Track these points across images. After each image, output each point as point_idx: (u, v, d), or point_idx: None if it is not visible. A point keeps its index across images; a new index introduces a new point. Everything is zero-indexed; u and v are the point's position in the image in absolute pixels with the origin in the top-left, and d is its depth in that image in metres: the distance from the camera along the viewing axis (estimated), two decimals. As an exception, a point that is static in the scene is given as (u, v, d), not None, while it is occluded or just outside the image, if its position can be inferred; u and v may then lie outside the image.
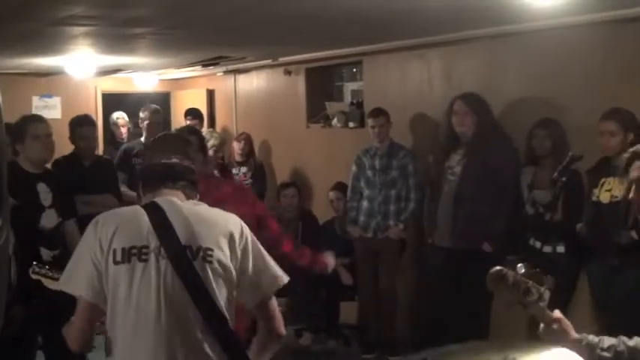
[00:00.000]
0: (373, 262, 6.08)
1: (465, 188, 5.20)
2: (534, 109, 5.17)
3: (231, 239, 2.53)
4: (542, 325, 2.45)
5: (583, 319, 4.58)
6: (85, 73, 8.04)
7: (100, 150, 8.67)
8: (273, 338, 2.66)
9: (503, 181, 5.08)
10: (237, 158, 7.41)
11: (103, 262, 2.45)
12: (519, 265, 2.44)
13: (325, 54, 7.00)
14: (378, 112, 6.12)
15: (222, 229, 2.54)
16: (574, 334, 2.41)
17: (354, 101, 7.38)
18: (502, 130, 5.28)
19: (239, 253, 2.53)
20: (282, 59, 7.62)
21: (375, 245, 6.01)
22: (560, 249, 4.69)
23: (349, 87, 7.84)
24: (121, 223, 2.51)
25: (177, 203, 2.58)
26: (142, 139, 7.02)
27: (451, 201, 5.27)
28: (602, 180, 4.39)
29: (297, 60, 7.52)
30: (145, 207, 2.56)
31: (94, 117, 6.30)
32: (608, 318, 4.20)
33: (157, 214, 2.52)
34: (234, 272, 2.51)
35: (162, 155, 2.71)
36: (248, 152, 7.45)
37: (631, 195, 2.43)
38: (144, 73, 9.46)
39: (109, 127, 8.65)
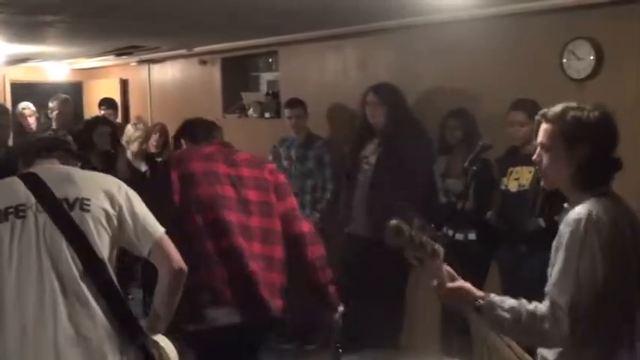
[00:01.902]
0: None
1: (380, 178, 5.26)
2: (447, 98, 5.27)
3: (108, 191, 2.64)
4: (435, 283, 2.52)
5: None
6: (-7, 62, 7.81)
7: (10, 140, 8.45)
8: (176, 275, 2.66)
9: (416, 170, 5.16)
10: (152, 149, 7.31)
11: None
12: (415, 219, 2.56)
13: (241, 44, 6.97)
14: (295, 103, 6.13)
15: (98, 184, 2.66)
16: (477, 293, 2.48)
17: (270, 91, 7.37)
18: (415, 120, 5.36)
19: (121, 201, 2.63)
20: (197, 49, 7.56)
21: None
22: (472, 236, 4.79)
23: (265, 77, 7.83)
24: None
25: (52, 167, 2.72)
26: (52, 129, 6.85)
27: (366, 190, 5.32)
28: (511, 169, 4.51)
29: (212, 50, 7.47)
30: (19, 176, 2.67)
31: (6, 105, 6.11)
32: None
33: (30, 178, 2.64)
34: (115, 220, 2.61)
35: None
36: (163, 143, 7.36)
37: (535, 157, 2.50)
38: (55, 63, 9.24)
39: (17, 117, 8.42)
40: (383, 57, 5.95)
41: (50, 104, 7.07)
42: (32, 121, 8.04)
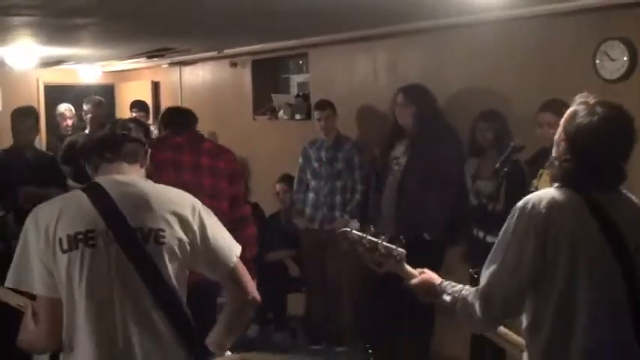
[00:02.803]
0: (319, 253, 6.09)
1: (409, 178, 5.25)
2: (477, 100, 5.24)
3: (183, 217, 2.45)
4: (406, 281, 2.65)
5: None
6: (26, 64, 7.89)
7: (43, 142, 8.56)
8: (246, 305, 2.58)
9: (446, 171, 5.14)
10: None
11: (50, 254, 2.36)
12: (371, 227, 2.71)
13: (271, 46, 6.99)
14: (324, 104, 6.14)
15: (173, 207, 2.45)
16: (436, 281, 2.62)
17: (301, 93, 7.38)
18: (445, 121, 5.34)
19: (195, 227, 2.46)
20: (227, 51, 7.59)
21: (322, 237, 6.03)
22: (504, 239, 4.75)
23: (295, 79, 7.85)
24: (62, 209, 2.40)
25: (122, 181, 2.47)
26: (86, 132, 6.92)
27: (395, 191, 5.31)
28: (541, 171, 4.47)
29: (243, 52, 7.50)
30: (86, 189, 2.45)
31: (35, 108, 6.17)
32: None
33: (100, 196, 2.41)
34: (188, 248, 2.44)
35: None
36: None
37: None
38: (87, 65, 9.33)
39: (53, 118, 8.53)
40: (413, 58, 5.93)
41: (85, 107, 7.15)
42: (70, 123, 8.13)
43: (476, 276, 4.77)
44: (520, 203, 2.37)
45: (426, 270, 2.70)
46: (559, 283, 2.30)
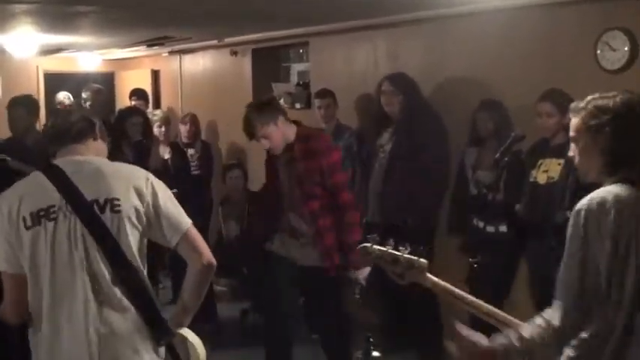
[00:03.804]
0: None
1: (394, 165, 5.27)
2: (478, 89, 5.24)
3: (137, 187, 2.60)
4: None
5: (525, 297, 4.69)
6: (27, 52, 7.88)
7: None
8: (204, 269, 2.66)
9: (430, 159, 5.15)
10: (184, 140, 7.35)
11: (14, 233, 2.52)
12: (390, 240, 2.71)
13: (272, 35, 6.98)
14: (325, 93, 6.14)
15: (127, 179, 2.62)
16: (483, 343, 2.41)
17: (301, 82, 7.37)
18: (431, 109, 5.35)
19: (148, 197, 2.60)
20: (228, 40, 7.57)
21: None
22: (503, 228, 4.76)
23: (296, 68, 7.83)
24: (24, 191, 2.59)
25: (76, 159, 2.65)
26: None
27: (381, 178, 5.32)
28: (540, 161, 4.48)
29: (243, 41, 7.48)
30: (44, 171, 2.62)
31: (34, 97, 6.17)
32: (545, 295, 4.29)
33: (56, 175, 2.58)
34: (144, 217, 2.59)
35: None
36: (194, 133, 7.40)
37: (570, 152, 2.52)
38: (87, 53, 9.31)
39: (53, 106, 8.53)
40: (413, 48, 5.93)
41: (83, 94, 7.14)
42: None
43: (475, 265, 4.82)
44: (581, 205, 2.30)
45: (472, 334, 2.48)
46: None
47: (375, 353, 2.31)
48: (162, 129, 6.67)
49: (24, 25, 6.08)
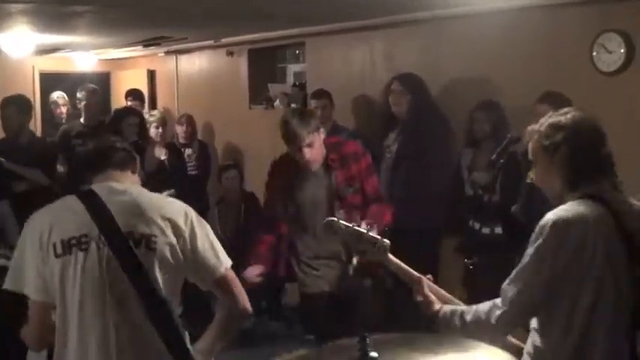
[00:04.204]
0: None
1: (400, 166, 5.26)
2: (475, 91, 5.25)
3: (174, 222, 2.48)
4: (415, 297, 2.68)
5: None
6: (22, 51, 7.86)
7: (39, 130, 8.56)
8: (235, 315, 2.59)
9: (436, 160, 5.15)
10: (181, 140, 7.34)
11: (44, 259, 2.42)
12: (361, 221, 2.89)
13: (268, 35, 6.97)
14: (321, 94, 6.14)
15: (165, 213, 2.49)
16: (435, 307, 2.62)
17: (297, 83, 7.37)
18: (438, 110, 5.35)
19: (186, 234, 2.48)
20: (224, 40, 7.57)
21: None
22: (498, 230, 4.76)
23: (292, 69, 7.83)
24: (57, 216, 2.48)
25: (115, 188, 2.53)
26: (81, 119, 6.91)
27: (387, 179, 5.32)
28: (536, 162, 4.48)
29: (239, 41, 7.48)
30: (80, 195, 2.50)
31: (27, 96, 6.17)
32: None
33: (93, 202, 2.47)
34: (180, 254, 2.46)
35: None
36: (191, 133, 7.39)
37: (534, 179, 2.62)
38: (83, 53, 9.29)
39: (49, 106, 8.52)
40: (410, 49, 5.93)
41: (78, 94, 7.13)
42: (64, 110, 8.14)
43: (471, 267, 4.82)
44: (546, 221, 2.34)
45: (422, 279, 2.70)
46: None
47: (373, 354, 2.29)
48: (160, 130, 6.66)
49: (20, 25, 6.07)
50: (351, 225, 2.74)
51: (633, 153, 4.42)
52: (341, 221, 2.75)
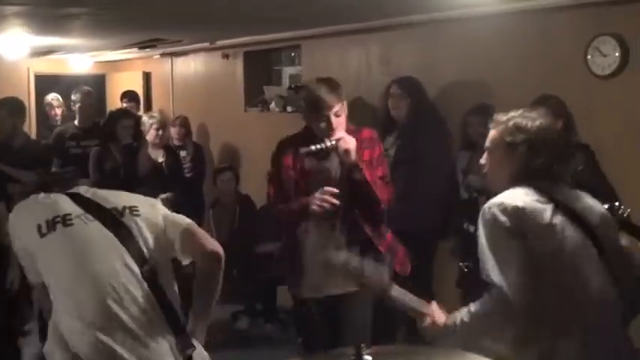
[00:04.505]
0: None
1: (398, 170, 5.26)
2: (470, 94, 5.25)
3: (144, 202, 2.73)
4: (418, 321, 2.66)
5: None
6: (17, 54, 7.86)
7: (34, 132, 8.55)
8: (207, 259, 2.62)
9: (434, 164, 5.16)
10: (175, 142, 7.34)
11: (32, 242, 2.53)
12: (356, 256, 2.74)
13: (264, 38, 6.97)
14: (316, 97, 6.13)
15: (139, 198, 2.75)
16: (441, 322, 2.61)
17: (293, 85, 7.37)
18: (437, 114, 5.35)
19: (159, 211, 2.71)
20: (219, 43, 7.57)
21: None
22: (493, 233, 4.76)
23: (287, 71, 7.83)
24: (40, 202, 2.64)
25: (89, 188, 2.82)
26: (76, 122, 6.91)
27: None
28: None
29: (235, 44, 7.48)
30: (61, 192, 2.71)
31: (19, 99, 6.15)
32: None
33: (74, 194, 2.69)
34: (161, 225, 2.65)
35: None
36: (185, 135, 7.39)
37: (481, 160, 2.70)
38: (78, 55, 9.29)
39: (43, 108, 8.52)
40: (406, 52, 5.93)
41: (73, 97, 7.12)
42: (59, 112, 8.14)
43: (466, 270, 4.81)
44: (485, 207, 2.48)
45: (431, 311, 2.67)
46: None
47: (367, 357, 2.29)
48: (160, 132, 6.62)
49: (15, 27, 6.06)
50: (352, 263, 2.66)
51: (628, 156, 4.43)
52: (340, 257, 2.69)
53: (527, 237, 2.39)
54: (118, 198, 2.70)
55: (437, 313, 2.64)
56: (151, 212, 2.67)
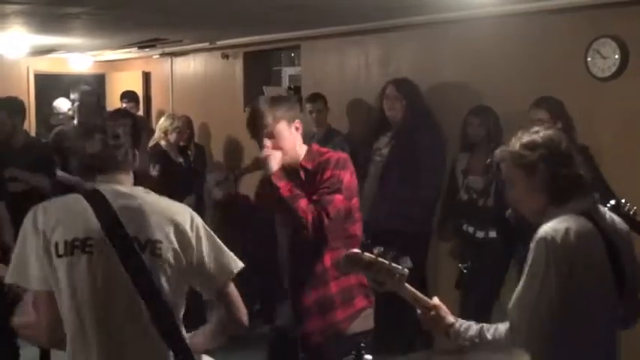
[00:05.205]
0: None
1: (391, 170, 5.27)
2: (469, 95, 5.25)
3: (180, 227, 2.43)
4: (418, 312, 2.58)
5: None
6: (17, 53, 7.86)
7: (33, 131, 8.55)
8: (233, 325, 2.57)
9: (427, 166, 5.16)
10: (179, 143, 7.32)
11: (46, 256, 2.36)
12: (377, 247, 2.59)
13: (263, 38, 6.98)
14: (316, 97, 6.15)
15: (171, 217, 2.44)
16: (449, 320, 2.54)
17: (292, 86, 7.38)
18: (432, 117, 5.36)
19: (193, 240, 2.44)
20: (219, 43, 7.57)
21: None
22: (493, 234, 4.77)
23: (287, 72, 7.85)
24: (62, 213, 2.40)
25: (122, 191, 2.46)
26: (74, 121, 6.89)
27: (376, 181, 5.32)
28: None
29: (235, 44, 7.48)
30: (87, 196, 2.43)
31: (19, 98, 6.14)
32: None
33: (100, 204, 2.40)
34: (184, 262, 2.42)
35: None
36: (188, 136, 7.38)
37: (509, 198, 2.58)
38: (78, 54, 9.29)
39: (43, 108, 8.52)
40: (405, 53, 5.93)
41: (72, 96, 7.12)
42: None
43: (465, 271, 4.81)
44: (544, 234, 2.33)
45: (438, 304, 2.60)
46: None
47: (367, 356, 2.28)
48: (181, 134, 6.64)
49: (15, 26, 6.06)
50: (374, 257, 2.56)
51: (628, 158, 4.44)
52: (366, 254, 2.56)
53: (571, 274, 2.29)
54: (146, 221, 2.40)
55: (442, 308, 2.57)
56: (175, 248, 2.40)
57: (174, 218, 2.44)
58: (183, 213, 2.48)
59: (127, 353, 2.39)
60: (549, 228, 2.32)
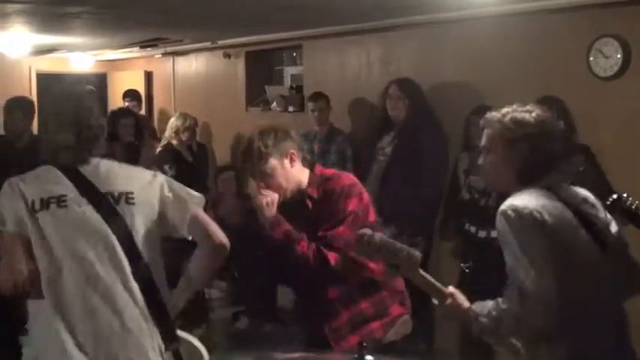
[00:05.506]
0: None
1: (393, 169, 5.27)
2: (470, 95, 5.25)
3: (145, 182, 2.62)
4: (434, 301, 2.61)
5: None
6: (19, 52, 7.86)
7: (35, 130, 8.53)
8: (215, 249, 2.62)
9: (429, 165, 5.16)
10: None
11: (23, 208, 2.49)
12: (388, 229, 2.55)
13: (265, 37, 6.98)
14: (318, 96, 6.15)
15: (136, 177, 2.64)
16: (465, 305, 2.57)
17: (294, 85, 7.37)
18: (434, 116, 5.35)
19: (157, 187, 2.62)
20: (221, 42, 7.57)
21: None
22: (494, 234, 4.73)
23: (289, 71, 7.84)
24: (36, 178, 2.57)
25: (91, 161, 2.64)
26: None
27: (379, 181, 5.32)
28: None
29: (236, 43, 7.48)
30: (59, 167, 2.60)
31: (30, 99, 6.15)
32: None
33: (71, 171, 2.58)
34: (157, 209, 2.59)
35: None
36: (192, 134, 7.39)
37: (479, 161, 2.61)
38: (80, 54, 9.29)
39: (45, 107, 8.50)
40: (406, 52, 5.93)
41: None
42: None
43: (467, 270, 4.81)
44: (505, 207, 2.42)
45: (454, 292, 2.61)
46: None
47: (369, 357, 2.29)
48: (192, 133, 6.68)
49: (17, 25, 6.07)
50: (387, 239, 2.55)
51: (630, 158, 4.43)
52: (377, 234, 2.54)
53: (552, 236, 2.33)
54: (116, 179, 2.59)
55: (459, 295, 2.58)
56: (146, 197, 2.58)
57: (139, 176, 2.66)
58: (146, 171, 2.73)
59: (104, 297, 2.46)
60: (508, 202, 2.41)
